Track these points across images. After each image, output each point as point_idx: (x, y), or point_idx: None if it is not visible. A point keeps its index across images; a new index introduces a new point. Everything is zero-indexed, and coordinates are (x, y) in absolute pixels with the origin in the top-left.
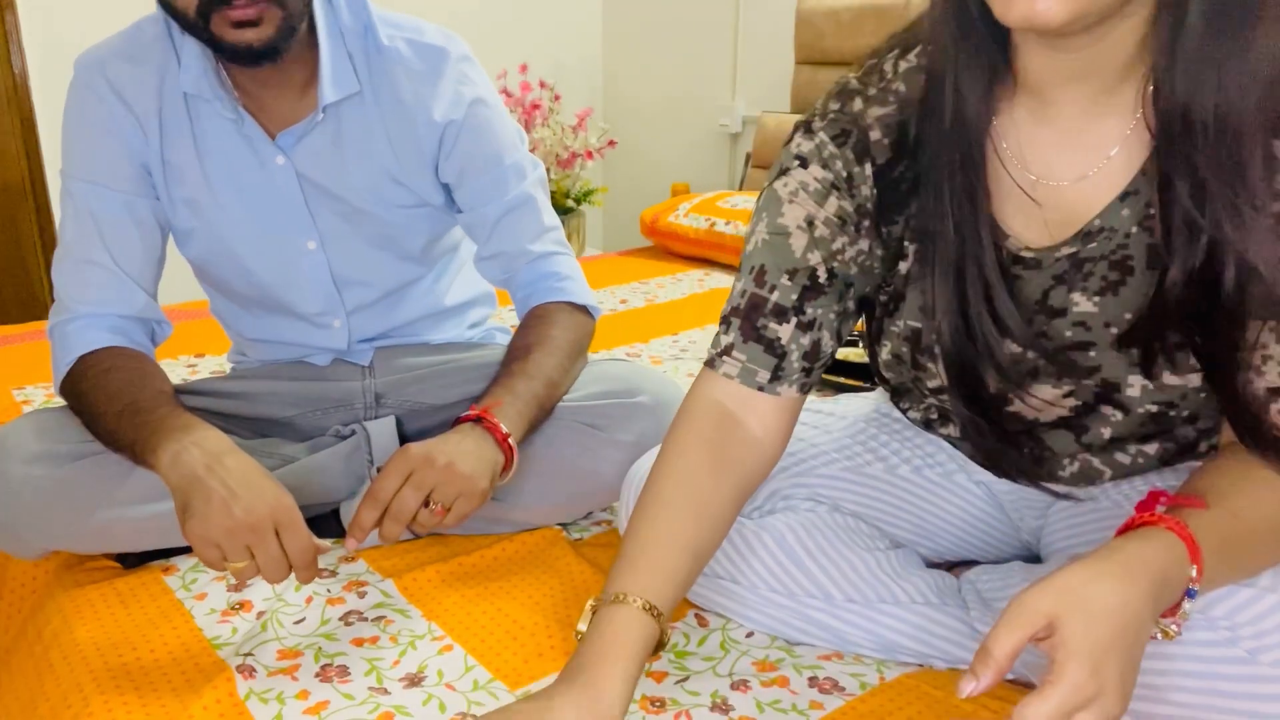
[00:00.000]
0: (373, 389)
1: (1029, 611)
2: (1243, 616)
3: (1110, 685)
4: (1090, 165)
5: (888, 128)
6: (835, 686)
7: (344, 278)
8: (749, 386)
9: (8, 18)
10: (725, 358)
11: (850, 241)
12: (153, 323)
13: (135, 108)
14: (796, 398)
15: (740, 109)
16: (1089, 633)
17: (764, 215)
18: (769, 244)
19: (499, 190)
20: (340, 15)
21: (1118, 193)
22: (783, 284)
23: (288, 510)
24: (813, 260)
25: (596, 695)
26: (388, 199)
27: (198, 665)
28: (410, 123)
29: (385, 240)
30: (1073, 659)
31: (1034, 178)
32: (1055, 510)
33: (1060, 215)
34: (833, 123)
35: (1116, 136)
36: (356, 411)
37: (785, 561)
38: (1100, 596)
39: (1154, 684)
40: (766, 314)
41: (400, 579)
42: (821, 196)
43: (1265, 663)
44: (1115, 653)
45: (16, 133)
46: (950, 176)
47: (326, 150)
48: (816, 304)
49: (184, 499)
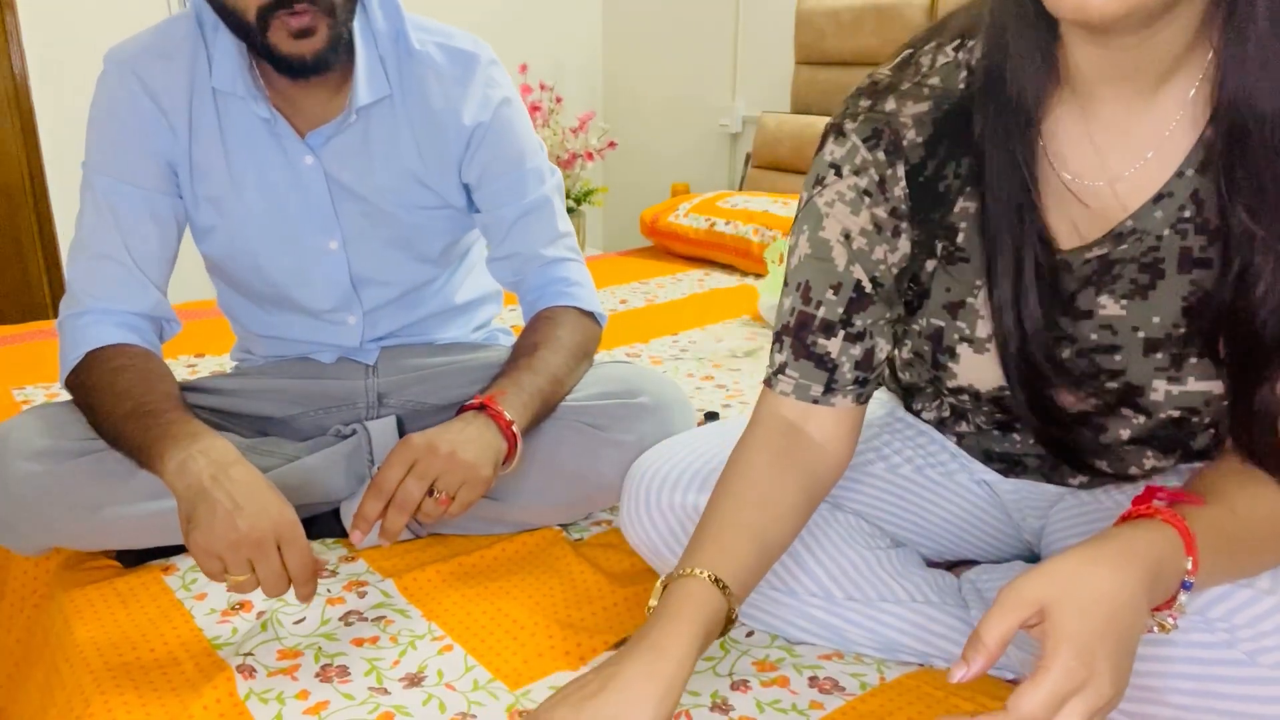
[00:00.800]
0: (375, 388)
1: (1020, 598)
2: (1241, 618)
3: (1102, 671)
4: (1127, 166)
5: (921, 125)
6: (835, 686)
7: (363, 278)
8: (804, 401)
9: (8, 18)
10: (780, 376)
11: (890, 249)
12: (162, 320)
13: (164, 105)
14: (854, 407)
15: (740, 109)
16: (1080, 619)
17: (804, 229)
18: (810, 259)
19: (517, 193)
20: (374, 19)
21: (1152, 194)
22: (828, 299)
23: (290, 525)
24: (856, 274)
25: (660, 655)
26: (411, 200)
27: (198, 665)
28: (438, 127)
29: (405, 242)
30: (1064, 644)
31: (1069, 176)
32: (1056, 510)
33: (1093, 216)
34: (864, 123)
35: (1154, 138)
36: (359, 411)
37: (786, 560)
38: (1092, 583)
39: (1151, 685)
40: (814, 330)
41: (400, 579)
42: (856, 206)
43: (1264, 665)
44: (1108, 639)
45: (16, 133)
46: (1006, 173)
47: (354, 151)
48: (864, 315)
49: (189, 509)
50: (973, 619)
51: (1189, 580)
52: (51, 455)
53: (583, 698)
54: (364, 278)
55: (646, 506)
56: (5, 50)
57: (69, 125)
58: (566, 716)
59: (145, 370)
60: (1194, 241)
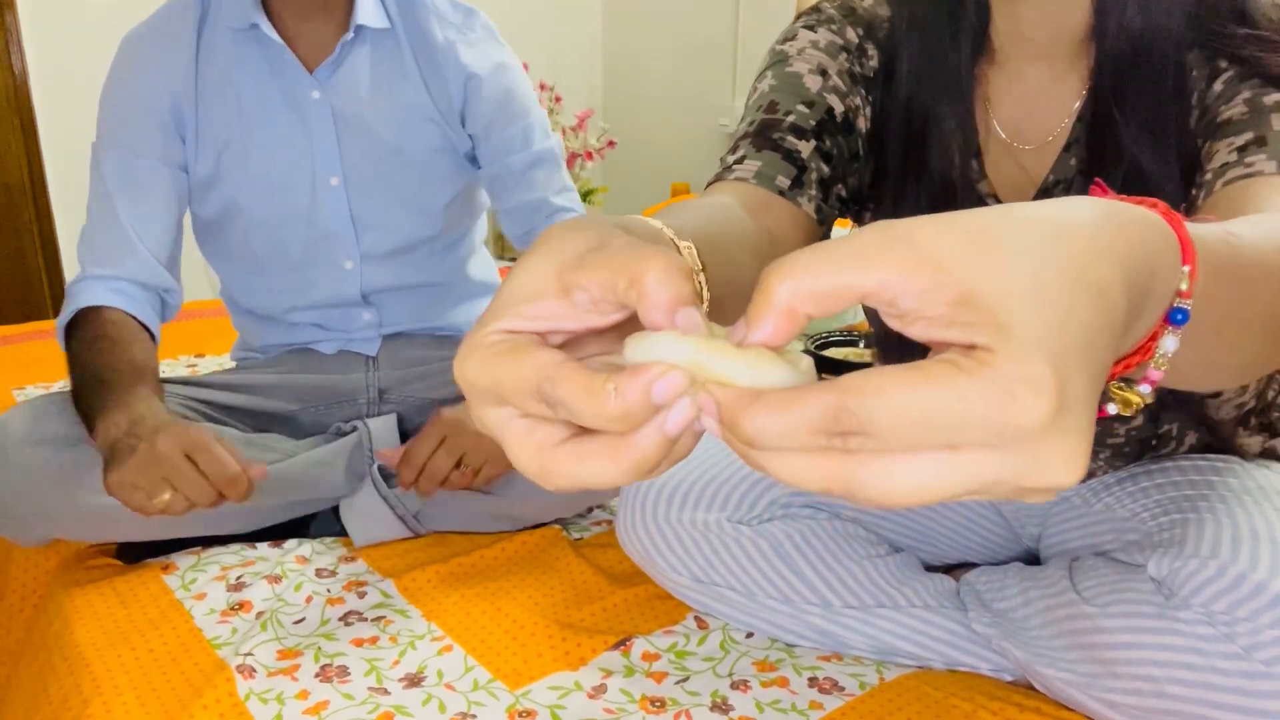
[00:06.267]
0: (377, 383)
1: (900, 245)
2: (1243, 611)
3: (1075, 406)
4: (1051, 130)
5: (892, 27)
6: (835, 687)
7: (362, 220)
8: (767, 189)
9: (8, 18)
10: (736, 167)
11: (863, 103)
12: (160, 290)
13: (172, 61)
14: (813, 221)
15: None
16: (1041, 310)
17: (768, 72)
18: (778, 87)
19: (525, 142)
20: None
21: (1063, 145)
22: (799, 110)
23: (197, 439)
24: (830, 100)
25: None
26: (418, 138)
27: (197, 665)
28: (440, 64)
29: (406, 187)
30: (1017, 340)
31: (1005, 138)
32: (1054, 516)
33: (1025, 180)
34: (843, 4)
35: (1075, 99)
36: (359, 407)
37: (783, 569)
38: (1052, 254)
39: (1151, 675)
40: (783, 130)
41: (400, 579)
42: (833, 53)
43: (1258, 660)
44: (1082, 356)
45: (16, 133)
46: (946, 120)
47: (361, 82)
48: (835, 140)
49: (106, 461)
50: (970, 621)
51: (1182, 307)
52: (53, 443)
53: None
54: (364, 220)
55: (644, 521)
56: (5, 50)
57: (69, 125)
58: None
59: (116, 339)
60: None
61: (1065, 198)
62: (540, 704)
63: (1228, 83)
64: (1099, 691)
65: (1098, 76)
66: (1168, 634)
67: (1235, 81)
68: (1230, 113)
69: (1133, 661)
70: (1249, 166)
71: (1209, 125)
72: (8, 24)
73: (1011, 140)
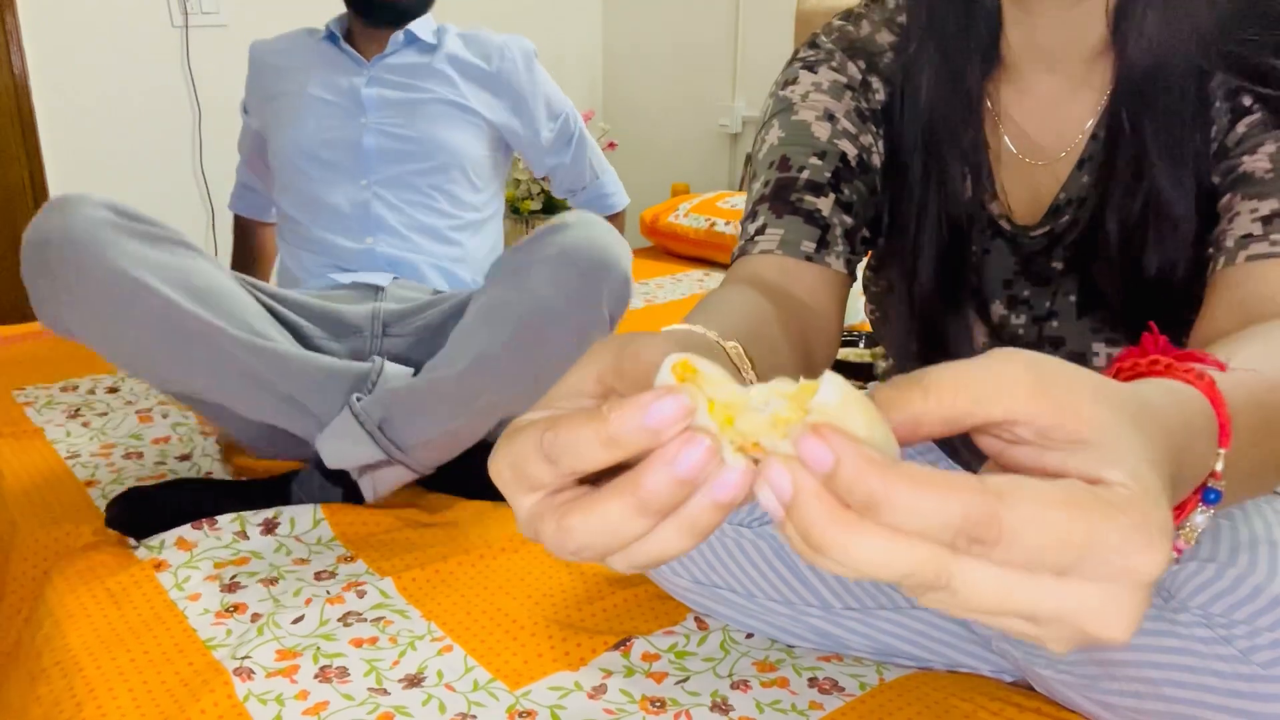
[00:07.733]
0: (381, 315)
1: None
2: (1241, 614)
3: (1163, 518)
4: (1064, 146)
5: (896, 54)
6: (835, 687)
7: (380, 149)
8: (793, 257)
9: (8, 18)
10: (759, 237)
11: (874, 139)
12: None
13: (278, 63)
14: (844, 276)
15: (740, 109)
16: (1157, 467)
17: (775, 121)
18: (787, 139)
19: (565, 140)
20: None
21: (1076, 162)
22: (812, 164)
23: None
24: (841, 146)
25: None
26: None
27: (193, 667)
28: (470, 64)
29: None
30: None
31: (1016, 152)
32: None
33: (1037, 195)
34: (840, 37)
35: (1089, 114)
36: (364, 340)
37: (784, 571)
38: (1151, 428)
39: (1149, 677)
40: (800, 189)
41: (399, 579)
42: (838, 93)
43: (1255, 662)
44: (1174, 475)
45: (17, 133)
46: (956, 137)
47: (401, 70)
48: (853, 186)
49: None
50: (971, 623)
51: (1216, 488)
52: (125, 220)
53: None
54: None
55: None
56: (5, 50)
57: (69, 125)
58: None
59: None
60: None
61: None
62: (540, 704)
63: (1251, 126)
64: (1097, 693)
65: (1117, 91)
66: (1166, 636)
67: (1260, 130)
68: (1254, 167)
69: (1130, 663)
70: (1274, 244)
71: (1230, 172)
72: (8, 24)
73: (1022, 155)
